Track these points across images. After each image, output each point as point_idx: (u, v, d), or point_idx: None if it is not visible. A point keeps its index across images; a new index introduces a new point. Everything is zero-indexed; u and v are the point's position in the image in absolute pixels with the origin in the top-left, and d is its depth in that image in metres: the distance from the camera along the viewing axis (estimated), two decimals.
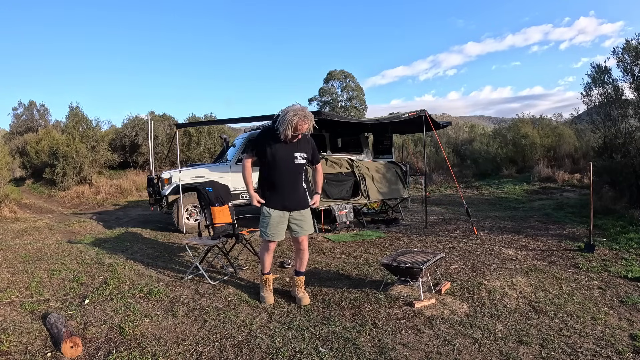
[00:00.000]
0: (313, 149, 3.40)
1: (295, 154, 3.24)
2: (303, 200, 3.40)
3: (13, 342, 2.74)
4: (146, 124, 16.59)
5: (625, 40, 7.41)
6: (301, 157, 3.28)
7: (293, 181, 3.31)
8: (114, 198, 12.60)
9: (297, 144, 3.25)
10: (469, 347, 2.57)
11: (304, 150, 3.29)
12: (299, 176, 3.36)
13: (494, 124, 24.12)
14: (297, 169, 3.31)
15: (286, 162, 3.23)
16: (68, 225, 7.76)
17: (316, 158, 3.46)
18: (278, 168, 3.24)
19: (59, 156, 13.31)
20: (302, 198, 3.40)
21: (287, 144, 3.21)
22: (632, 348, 2.49)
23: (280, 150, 3.21)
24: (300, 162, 3.29)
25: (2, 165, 9.78)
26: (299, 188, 3.37)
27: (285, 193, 3.30)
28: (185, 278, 4.15)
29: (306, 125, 3.12)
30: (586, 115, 9.58)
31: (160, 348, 2.65)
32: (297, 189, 3.35)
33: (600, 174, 7.29)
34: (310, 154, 3.36)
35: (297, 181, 3.34)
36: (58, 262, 4.84)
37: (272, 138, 3.20)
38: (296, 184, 3.33)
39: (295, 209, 3.34)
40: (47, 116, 23.26)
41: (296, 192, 3.34)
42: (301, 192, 3.39)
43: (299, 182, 3.36)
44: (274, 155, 3.20)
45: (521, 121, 15.03)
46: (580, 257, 4.55)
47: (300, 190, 3.38)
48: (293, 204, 3.33)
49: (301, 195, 3.39)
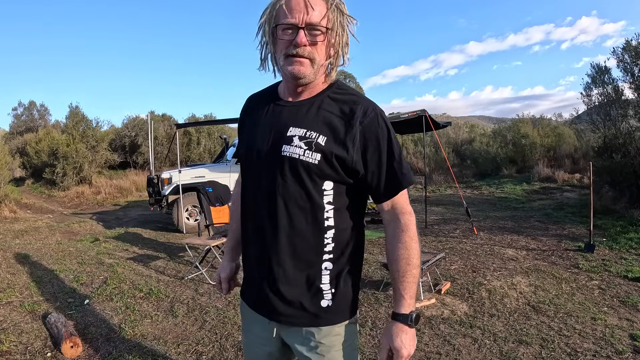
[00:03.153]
0: (368, 140, 1.01)
1: (289, 131, 1.03)
2: (313, 298, 1.06)
3: (13, 342, 2.74)
4: (146, 124, 16.58)
5: (625, 40, 7.42)
6: (307, 144, 1.00)
7: (278, 216, 1.03)
8: (114, 198, 12.60)
9: (302, 110, 1.05)
10: (469, 347, 2.58)
11: (317, 129, 1.01)
12: (303, 207, 1.03)
13: (494, 124, 24.12)
14: (290, 181, 1.02)
15: (262, 157, 1.06)
16: (68, 225, 7.76)
17: (393, 176, 1.04)
18: (249, 176, 1.13)
19: (59, 156, 13.31)
20: (312, 290, 1.06)
21: (274, 108, 1.10)
22: (632, 348, 2.49)
23: (258, 127, 1.11)
24: (303, 158, 1.00)
25: (2, 165, 9.78)
26: (301, 247, 1.04)
27: (262, 254, 1.08)
28: (185, 278, 4.15)
29: (318, 11, 0.98)
30: (586, 115, 9.58)
31: (160, 348, 2.65)
32: (294, 250, 1.04)
33: (600, 174, 7.29)
34: (354, 152, 1.00)
35: (294, 221, 1.03)
36: (58, 262, 4.84)
37: (254, 106, 1.19)
38: (289, 228, 1.03)
39: (288, 318, 1.07)
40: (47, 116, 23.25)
41: (290, 256, 1.05)
42: (308, 265, 1.06)
43: (302, 224, 1.03)
44: (245, 145, 1.16)
45: (521, 121, 15.03)
46: (580, 257, 4.55)
47: (305, 258, 1.05)
48: (278, 299, 1.06)
49: (309, 278, 1.06)
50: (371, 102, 1.06)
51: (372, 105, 1.05)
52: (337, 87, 1.09)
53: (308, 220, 1.03)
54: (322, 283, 1.06)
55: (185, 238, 5.52)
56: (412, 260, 1.04)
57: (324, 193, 1.03)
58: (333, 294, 1.07)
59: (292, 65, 1.00)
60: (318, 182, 1.01)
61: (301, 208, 1.03)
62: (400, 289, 1.03)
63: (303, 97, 1.08)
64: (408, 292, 1.03)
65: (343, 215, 1.06)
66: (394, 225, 1.06)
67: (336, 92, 1.07)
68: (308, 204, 1.02)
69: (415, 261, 1.04)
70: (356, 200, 1.08)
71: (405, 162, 1.06)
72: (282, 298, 1.06)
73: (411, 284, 1.03)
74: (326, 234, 1.04)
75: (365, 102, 1.05)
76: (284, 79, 1.10)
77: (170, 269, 4.57)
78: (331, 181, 1.03)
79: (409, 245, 1.04)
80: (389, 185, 1.04)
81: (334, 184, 1.03)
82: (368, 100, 1.06)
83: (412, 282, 1.03)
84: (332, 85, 1.10)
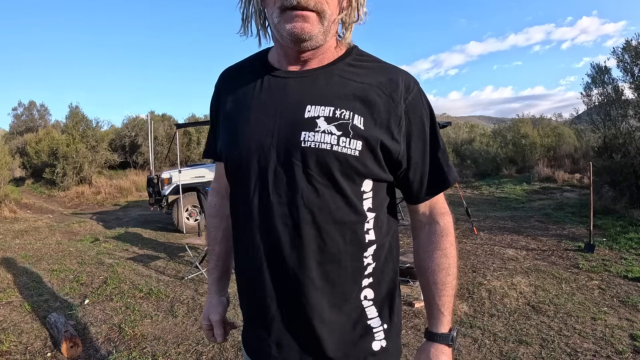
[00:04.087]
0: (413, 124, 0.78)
1: (307, 111, 0.73)
2: (361, 341, 0.79)
3: (13, 342, 2.74)
4: (146, 124, 16.58)
5: (625, 40, 7.42)
6: (340, 128, 0.72)
7: (303, 239, 0.73)
8: (114, 198, 12.60)
9: (320, 81, 0.76)
10: (469, 347, 2.58)
11: (348, 106, 0.74)
12: (340, 220, 0.75)
13: (494, 124, 24.14)
14: (321, 184, 0.73)
15: (268, 155, 0.75)
16: (68, 225, 7.76)
17: (438, 169, 0.82)
18: (244, 185, 0.78)
19: (59, 156, 13.31)
20: (357, 330, 0.79)
21: (271, 82, 0.79)
22: (632, 348, 2.49)
23: (250, 111, 0.78)
24: (338, 149, 0.72)
25: (2, 165, 9.78)
26: (337, 275, 0.76)
27: (278, 293, 0.77)
28: (185, 278, 4.15)
29: None
30: (586, 115, 9.59)
31: (160, 348, 2.65)
32: (326, 282, 0.76)
33: (600, 174, 7.29)
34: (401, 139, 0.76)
35: (328, 242, 0.74)
36: (58, 262, 4.84)
37: (235, 84, 0.85)
38: (320, 254, 0.74)
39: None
40: (47, 116, 23.25)
41: (323, 291, 0.76)
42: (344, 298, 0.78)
43: (339, 244, 0.75)
44: (231, 142, 0.81)
45: (521, 121, 15.04)
46: (580, 257, 4.55)
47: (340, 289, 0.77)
48: (312, 353, 0.78)
49: (351, 315, 0.79)
50: (410, 74, 0.81)
51: (412, 78, 0.80)
52: (358, 54, 0.81)
53: (346, 238, 0.75)
54: (370, 318, 0.81)
55: (185, 238, 5.52)
56: (452, 269, 0.85)
57: (364, 197, 0.77)
58: (386, 330, 0.82)
59: (292, 22, 0.70)
60: (357, 181, 0.75)
61: (337, 222, 0.74)
62: (439, 304, 0.84)
63: (312, 66, 0.78)
64: (447, 308, 0.85)
65: (382, 223, 0.81)
66: (430, 229, 0.86)
67: (359, 59, 0.80)
68: (347, 214, 0.74)
69: (455, 270, 0.86)
70: (392, 201, 0.86)
71: (447, 152, 0.86)
72: (319, 351, 0.77)
73: (450, 298, 0.85)
74: (366, 252, 0.79)
75: (404, 72, 0.80)
76: (279, 45, 0.78)
77: (170, 269, 4.57)
78: (371, 179, 0.77)
79: (449, 253, 0.85)
80: (433, 182, 0.83)
81: (373, 182, 0.78)
82: (405, 71, 0.81)
83: (451, 295, 0.85)
84: (351, 52, 0.80)
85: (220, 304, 1.01)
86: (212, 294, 1.02)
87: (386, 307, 0.83)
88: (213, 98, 0.91)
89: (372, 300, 0.81)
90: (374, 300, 0.81)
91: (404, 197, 0.86)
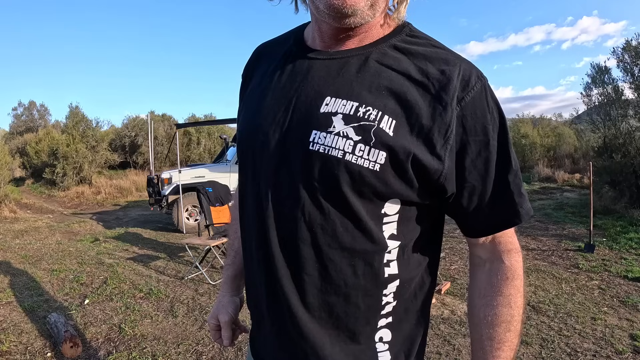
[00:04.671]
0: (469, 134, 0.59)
1: (324, 105, 0.59)
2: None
3: (13, 342, 2.74)
4: (146, 124, 16.59)
5: (625, 40, 7.42)
6: (360, 131, 0.57)
7: (300, 261, 0.61)
8: (114, 198, 12.60)
9: (350, 67, 0.61)
10: (469, 347, 2.58)
11: (377, 103, 0.58)
12: (349, 247, 0.60)
13: None
14: (326, 200, 0.58)
15: (271, 152, 0.62)
16: (68, 225, 7.76)
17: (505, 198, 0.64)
18: (248, 179, 0.68)
19: (59, 156, 13.32)
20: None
21: (297, 64, 0.65)
22: (632, 348, 2.49)
23: (267, 96, 0.66)
24: (351, 159, 0.56)
25: (2, 165, 9.78)
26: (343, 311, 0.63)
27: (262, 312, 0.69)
28: (186, 278, 4.15)
29: None
30: (586, 115, 9.58)
31: (160, 348, 2.65)
32: (329, 315, 0.63)
33: (600, 174, 7.29)
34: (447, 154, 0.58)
35: (331, 270, 0.61)
36: (58, 262, 4.84)
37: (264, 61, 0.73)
38: (321, 281, 0.62)
39: None
40: (47, 116, 23.26)
41: (324, 325, 0.63)
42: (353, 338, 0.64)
43: (347, 275, 0.61)
44: (244, 127, 0.69)
45: (521, 121, 15.06)
46: (580, 257, 4.55)
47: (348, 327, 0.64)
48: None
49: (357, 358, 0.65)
50: (473, 65, 0.61)
51: (475, 70, 0.61)
52: (409, 33, 0.63)
53: (357, 268, 0.60)
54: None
55: (185, 238, 5.52)
56: (515, 324, 0.64)
57: (384, 221, 0.60)
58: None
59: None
60: (376, 202, 0.59)
61: (345, 249, 0.59)
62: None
63: (348, 47, 0.62)
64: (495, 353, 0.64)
65: (411, 255, 0.64)
66: (492, 269, 0.66)
67: (408, 41, 0.62)
68: (359, 241, 0.59)
69: (518, 326, 0.65)
70: (433, 223, 0.67)
71: (520, 175, 0.65)
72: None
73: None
74: (385, 289, 0.62)
75: (464, 62, 0.61)
76: (315, 20, 0.64)
77: (170, 269, 4.57)
78: (397, 201, 0.59)
79: (514, 302, 0.64)
80: (499, 214, 0.63)
81: (401, 205, 0.60)
82: (468, 61, 0.61)
83: (509, 357, 0.64)
84: (401, 30, 0.63)
85: (232, 303, 0.87)
86: (224, 293, 0.89)
87: (402, 355, 0.67)
88: (243, 76, 0.78)
89: (387, 345, 0.65)
90: (390, 345, 0.65)
91: (459, 227, 0.67)
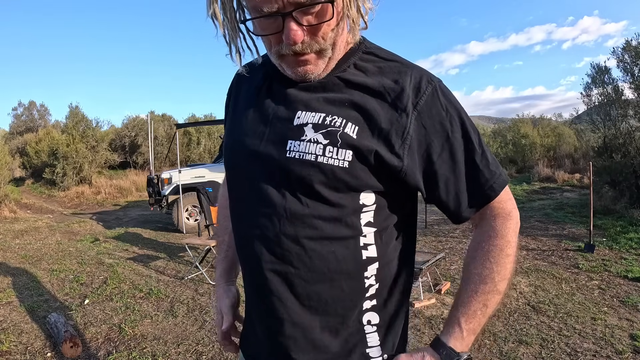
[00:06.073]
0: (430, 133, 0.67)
1: (296, 118, 0.67)
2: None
3: (13, 342, 2.74)
4: (146, 124, 16.58)
5: (625, 40, 7.42)
6: (328, 136, 0.64)
7: (284, 254, 0.66)
8: (114, 198, 12.60)
9: (317, 85, 0.69)
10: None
11: (342, 113, 0.66)
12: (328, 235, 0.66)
13: (494, 124, 24.14)
14: (305, 199, 0.66)
15: (253, 161, 0.70)
16: (68, 225, 7.76)
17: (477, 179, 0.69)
18: (235, 186, 0.77)
19: (58, 156, 13.31)
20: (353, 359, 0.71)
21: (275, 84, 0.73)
22: (632, 348, 2.49)
23: (248, 112, 0.75)
24: (323, 160, 0.64)
25: (2, 165, 9.78)
26: (329, 295, 0.68)
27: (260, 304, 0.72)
28: (185, 278, 4.15)
29: None
30: (586, 115, 9.59)
31: (160, 348, 2.65)
32: (317, 302, 0.68)
33: (600, 174, 7.29)
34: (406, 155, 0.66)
35: (314, 258, 0.66)
36: (58, 262, 4.85)
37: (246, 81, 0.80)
38: (306, 270, 0.67)
39: None
40: (47, 116, 23.25)
41: (312, 312, 0.68)
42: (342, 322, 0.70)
43: (328, 261, 0.67)
44: (230, 141, 0.78)
45: (521, 121, 15.06)
46: (580, 257, 4.55)
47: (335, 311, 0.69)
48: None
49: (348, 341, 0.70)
50: (423, 71, 0.69)
51: (425, 75, 0.68)
52: (365, 51, 0.71)
53: (338, 254, 0.66)
54: (369, 346, 0.71)
55: (185, 238, 5.52)
56: (493, 279, 0.68)
57: (362, 210, 0.68)
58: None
59: (293, 68, 0.66)
60: (352, 194, 0.66)
61: (326, 238, 0.66)
62: (458, 314, 0.69)
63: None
64: (468, 322, 0.69)
65: (389, 238, 0.71)
66: (479, 230, 0.73)
67: (365, 59, 0.70)
68: (338, 230, 0.66)
69: (499, 285, 0.68)
70: (406, 212, 0.74)
71: (490, 152, 0.71)
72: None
73: (477, 313, 0.68)
74: (366, 271, 0.69)
75: (415, 70, 0.68)
76: None
77: (170, 269, 4.57)
78: (372, 192, 0.68)
79: (494, 258, 0.68)
80: (475, 194, 0.69)
81: (376, 195, 0.68)
82: (418, 68, 0.69)
83: (479, 310, 0.68)
84: (358, 48, 0.71)
85: (228, 291, 0.91)
86: (219, 285, 0.93)
87: (392, 335, 0.74)
88: (227, 94, 0.86)
89: (375, 326, 0.72)
90: (377, 327, 0.72)
91: (448, 217, 0.74)
